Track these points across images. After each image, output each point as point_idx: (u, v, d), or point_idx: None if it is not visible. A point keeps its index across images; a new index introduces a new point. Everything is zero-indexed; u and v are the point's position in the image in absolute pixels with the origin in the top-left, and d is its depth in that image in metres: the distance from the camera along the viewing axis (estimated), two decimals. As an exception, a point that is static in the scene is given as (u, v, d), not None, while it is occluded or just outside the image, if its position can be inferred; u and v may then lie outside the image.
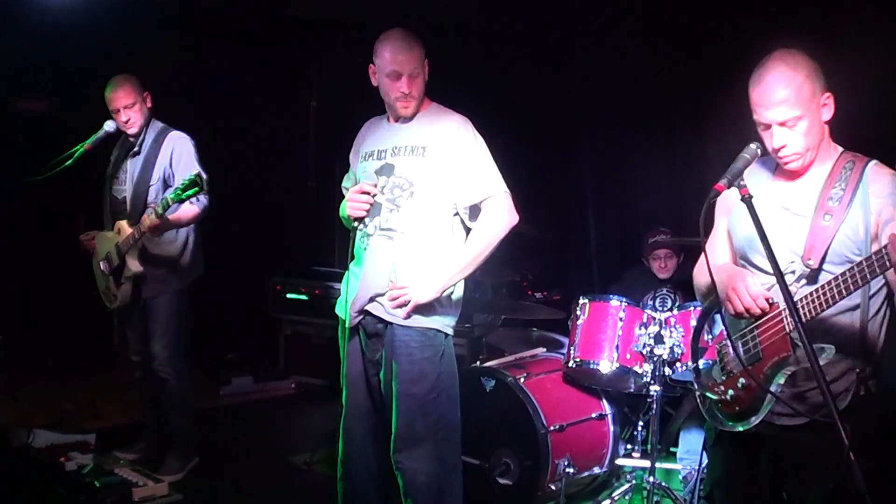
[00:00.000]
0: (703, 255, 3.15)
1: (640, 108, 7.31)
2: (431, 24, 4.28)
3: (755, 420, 3.25)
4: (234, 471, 6.22)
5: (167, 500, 5.24)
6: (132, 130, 5.81)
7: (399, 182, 4.21)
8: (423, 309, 4.18)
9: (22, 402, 7.07)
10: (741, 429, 3.33)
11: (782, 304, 3.15)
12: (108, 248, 5.83)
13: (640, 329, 5.36)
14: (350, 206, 4.29)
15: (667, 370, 5.29)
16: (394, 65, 4.17)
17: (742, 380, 3.34)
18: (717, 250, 3.60)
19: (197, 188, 5.18)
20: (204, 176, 5.29)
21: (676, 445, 5.74)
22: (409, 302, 4.13)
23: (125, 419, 7.08)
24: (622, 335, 5.35)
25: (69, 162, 5.57)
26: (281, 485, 6.00)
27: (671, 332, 5.29)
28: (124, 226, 5.71)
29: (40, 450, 5.56)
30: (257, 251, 8.83)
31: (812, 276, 3.20)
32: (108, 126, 5.69)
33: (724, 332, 3.44)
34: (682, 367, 5.25)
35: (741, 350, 3.36)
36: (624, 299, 5.46)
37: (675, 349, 5.24)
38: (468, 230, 4.29)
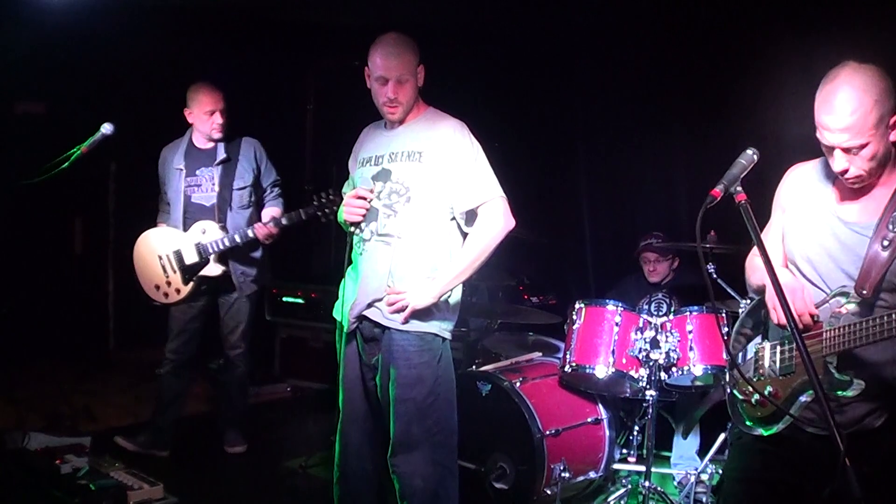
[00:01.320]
0: (759, 253, 3.04)
1: (637, 112, 7.30)
2: (429, 28, 4.28)
3: (776, 429, 3.24)
4: (230, 474, 6.22)
5: (162, 503, 5.23)
6: (219, 135, 6.23)
7: (396, 187, 4.21)
8: (421, 313, 4.18)
9: (17, 405, 7.05)
10: (764, 433, 3.30)
11: (826, 325, 3.11)
12: (176, 245, 6.11)
13: (636, 334, 5.36)
14: (347, 211, 4.30)
15: (663, 375, 5.30)
16: (381, 70, 4.19)
17: (769, 387, 3.30)
18: (769, 245, 3.40)
19: (329, 212, 5.43)
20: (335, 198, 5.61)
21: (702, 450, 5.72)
22: (407, 307, 4.13)
23: (121, 422, 7.07)
24: (618, 340, 5.35)
25: (66, 165, 5.57)
26: (277, 488, 5.99)
27: (667, 336, 5.30)
28: (212, 227, 6.07)
29: (35, 452, 5.54)
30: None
31: (865, 304, 3.10)
32: (105, 129, 5.68)
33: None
34: (677, 371, 5.26)
35: (777, 357, 3.33)
36: (620, 304, 5.47)
37: (672, 354, 5.24)
38: (465, 235, 4.29)
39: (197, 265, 6.06)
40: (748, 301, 3.64)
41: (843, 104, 3.01)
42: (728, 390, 3.56)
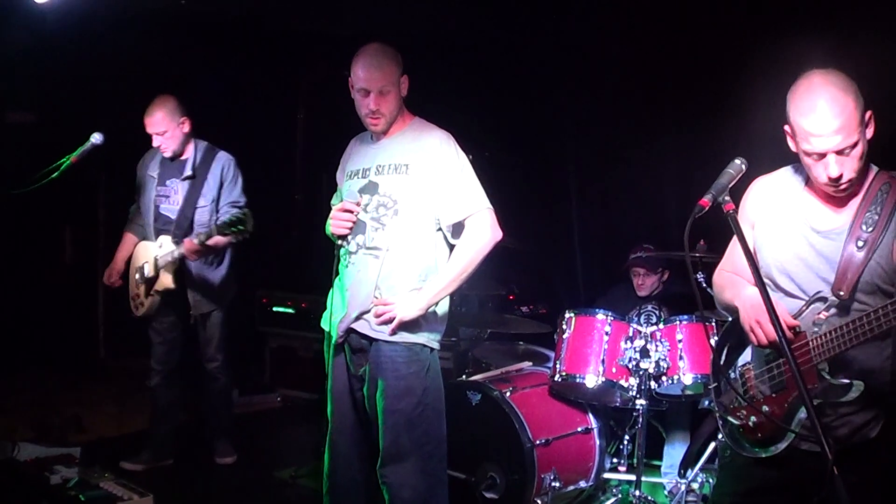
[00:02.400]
0: (721, 280, 3.02)
1: (627, 122, 7.32)
2: (419, 37, 4.27)
3: (777, 448, 3.22)
4: (220, 484, 6.21)
5: (152, 514, 5.22)
6: (166, 154, 6.15)
7: (383, 200, 4.20)
8: (409, 325, 4.17)
9: (6, 415, 7.04)
10: (763, 455, 3.27)
11: (809, 334, 3.10)
12: (147, 258, 6.13)
13: (625, 343, 5.37)
14: (333, 225, 4.30)
15: (652, 384, 5.31)
16: (363, 82, 4.18)
17: (766, 407, 3.27)
18: (737, 264, 3.46)
19: (242, 227, 5.46)
20: (248, 212, 5.59)
21: (691, 465, 5.73)
22: (395, 318, 4.13)
23: (111, 432, 7.06)
24: (608, 349, 5.36)
25: (56, 174, 5.56)
26: (266, 499, 5.99)
27: (657, 346, 5.31)
28: (167, 241, 6.03)
29: (25, 463, 5.52)
30: (243, 263, 8.81)
31: (843, 307, 3.09)
32: (95, 138, 5.68)
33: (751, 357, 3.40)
34: (667, 381, 5.26)
35: (766, 377, 3.31)
36: (610, 313, 5.47)
37: (661, 363, 5.26)
38: (451, 247, 4.29)
39: (153, 279, 6.07)
40: (728, 324, 3.63)
41: (829, 108, 3.00)
42: (719, 418, 3.52)
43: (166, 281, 6.03)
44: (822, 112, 3.01)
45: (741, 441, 3.40)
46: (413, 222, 4.19)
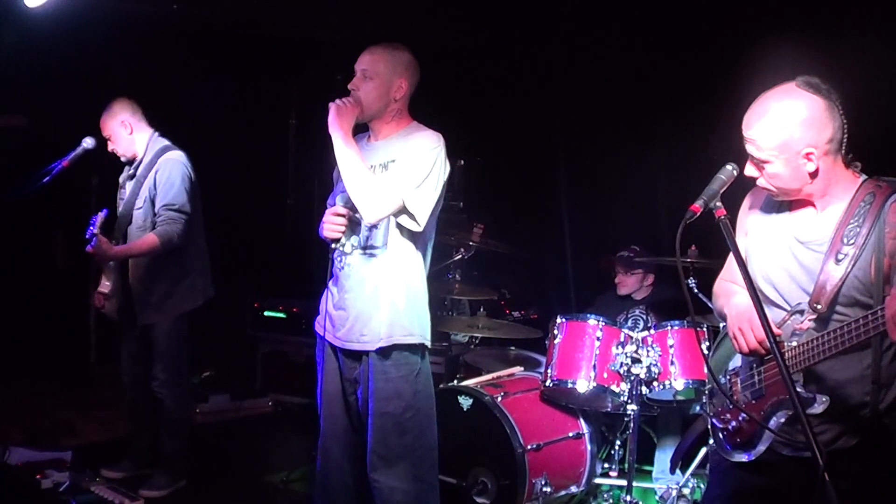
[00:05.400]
0: (718, 288, 3.04)
1: (618, 128, 7.34)
2: (409, 43, 4.27)
3: (757, 451, 3.24)
4: (211, 489, 6.19)
5: (144, 518, 5.23)
6: (122, 157, 5.97)
7: None
8: (393, 326, 4.17)
9: (-3, 419, 7.04)
10: (745, 459, 3.30)
11: (787, 344, 3.12)
12: None
13: (617, 348, 5.37)
14: (326, 228, 4.26)
15: (644, 389, 5.31)
16: (356, 63, 4.25)
17: (745, 413, 3.31)
18: (734, 273, 3.49)
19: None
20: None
21: (684, 464, 5.74)
22: None
23: (102, 437, 7.05)
24: (599, 354, 5.35)
25: (47, 179, 5.56)
26: (258, 503, 5.99)
27: (648, 351, 5.31)
28: (108, 243, 5.71)
29: (16, 467, 5.52)
30: (235, 268, 8.81)
31: (822, 318, 3.10)
32: (87, 143, 5.68)
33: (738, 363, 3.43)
34: (659, 386, 5.27)
35: (748, 384, 3.34)
36: (601, 318, 5.47)
37: (653, 368, 5.26)
38: (421, 240, 4.28)
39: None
40: (722, 331, 3.67)
41: (758, 110, 3.09)
42: (709, 420, 3.57)
43: (103, 285, 5.85)
44: (752, 111, 3.12)
45: (723, 443, 3.44)
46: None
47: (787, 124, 3.03)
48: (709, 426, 3.57)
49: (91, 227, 5.51)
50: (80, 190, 8.92)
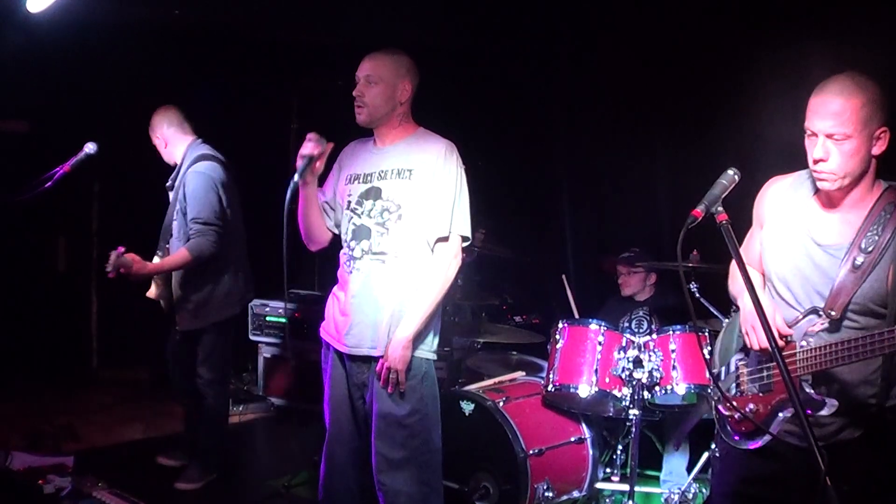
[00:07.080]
0: (740, 275, 3.06)
1: (620, 133, 7.34)
2: (410, 47, 4.28)
3: (759, 443, 3.30)
4: (214, 494, 6.18)
5: (144, 523, 5.21)
6: (170, 162, 6.11)
7: (387, 205, 4.19)
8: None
9: (-1, 424, 7.04)
10: (749, 447, 3.36)
11: (799, 345, 3.16)
12: None
13: (619, 353, 5.37)
14: (301, 147, 4.25)
15: (646, 394, 5.31)
16: (358, 70, 4.25)
17: (752, 405, 3.35)
18: (752, 257, 3.54)
19: None
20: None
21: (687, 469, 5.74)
22: (398, 375, 4.14)
23: (104, 441, 7.04)
24: (601, 359, 5.35)
25: (49, 184, 5.56)
26: (260, 508, 6.00)
27: (650, 356, 5.31)
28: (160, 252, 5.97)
29: (18, 472, 5.51)
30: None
31: (834, 324, 3.14)
32: (89, 148, 5.68)
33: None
34: (661, 391, 5.27)
35: (756, 377, 3.37)
36: (603, 323, 5.47)
37: (654, 373, 5.25)
38: None
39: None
40: (731, 318, 3.68)
41: (837, 91, 3.08)
42: (714, 406, 3.59)
43: (150, 291, 6.03)
44: (828, 93, 3.10)
45: (730, 431, 3.49)
46: (417, 227, 4.18)
47: (870, 99, 3.07)
48: (713, 410, 3.63)
49: (107, 268, 5.58)
50: (82, 195, 8.94)
